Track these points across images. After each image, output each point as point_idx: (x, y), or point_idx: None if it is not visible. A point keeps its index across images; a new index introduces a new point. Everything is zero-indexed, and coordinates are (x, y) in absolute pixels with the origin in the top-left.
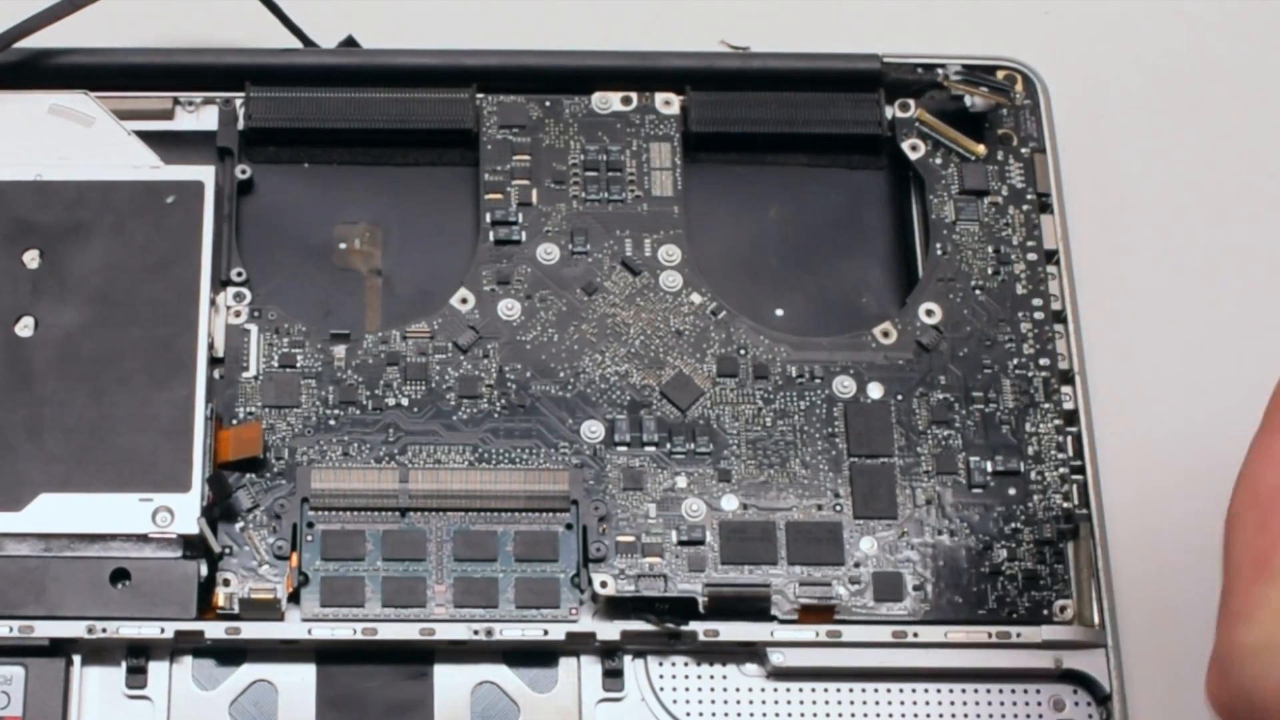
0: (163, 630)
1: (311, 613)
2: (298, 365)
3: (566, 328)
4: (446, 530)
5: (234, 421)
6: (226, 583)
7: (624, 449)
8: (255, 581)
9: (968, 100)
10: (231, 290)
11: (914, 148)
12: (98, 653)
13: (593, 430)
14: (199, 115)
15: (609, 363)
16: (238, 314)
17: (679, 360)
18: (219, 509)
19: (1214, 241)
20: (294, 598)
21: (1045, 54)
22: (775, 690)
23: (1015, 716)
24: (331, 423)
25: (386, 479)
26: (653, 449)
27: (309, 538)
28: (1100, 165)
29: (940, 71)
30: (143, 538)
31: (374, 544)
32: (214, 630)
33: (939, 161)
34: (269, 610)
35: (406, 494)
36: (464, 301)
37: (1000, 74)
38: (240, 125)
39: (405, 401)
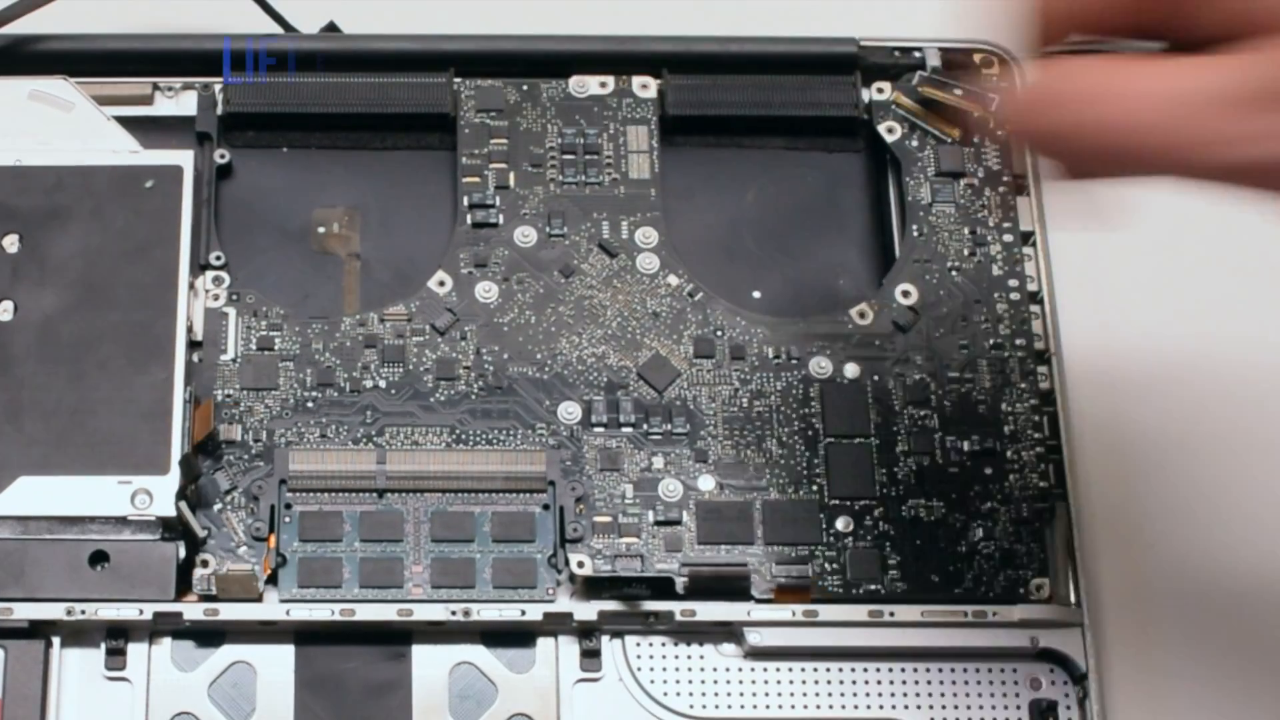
0: (141, 612)
1: (289, 594)
2: (276, 348)
3: (544, 310)
4: (424, 511)
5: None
6: (205, 564)
7: (601, 430)
8: (234, 563)
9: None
10: (210, 274)
11: (890, 130)
12: (77, 634)
13: (570, 411)
14: (178, 100)
15: (586, 344)
16: (216, 297)
17: (656, 342)
18: (191, 491)
19: (1187, 220)
20: (272, 579)
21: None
22: (753, 669)
23: (991, 695)
24: (309, 404)
25: (364, 460)
26: (629, 430)
27: (286, 519)
28: None
29: (917, 54)
30: (121, 520)
31: (352, 525)
32: (192, 612)
33: (915, 144)
34: (245, 586)
35: (384, 475)
36: (441, 284)
37: (977, 56)
38: (219, 110)
39: (383, 383)
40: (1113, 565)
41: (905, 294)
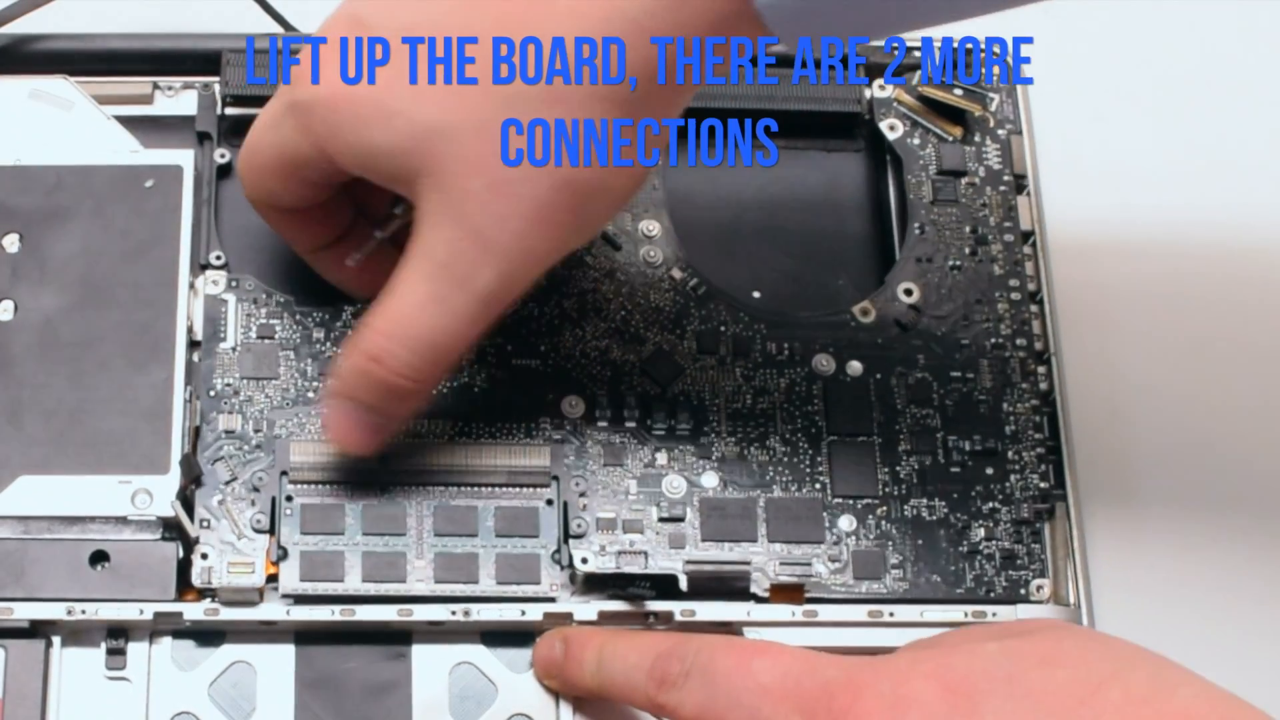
0: (141, 612)
1: (291, 587)
2: (276, 336)
3: (547, 302)
4: (427, 505)
5: (210, 394)
6: (205, 556)
7: (604, 425)
8: (233, 555)
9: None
10: (210, 274)
11: (892, 128)
12: (77, 634)
13: (573, 405)
14: (178, 99)
15: (589, 338)
16: (215, 282)
17: (659, 336)
18: (190, 491)
19: (1187, 223)
20: (272, 579)
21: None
22: None
23: None
24: (310, 395)
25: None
26: (633, 425)
27: (288, 511)
28: (1076, 147)
29: (915, 57)
30: (122, 520)
31: (354, 518)
32: (193, 612)
33: (917, 142)
34: (249, 597)
35: (386, 468)
36: None
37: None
38: (219, 109)
39: None
40: (1113, 565)
41: (907, 292)
